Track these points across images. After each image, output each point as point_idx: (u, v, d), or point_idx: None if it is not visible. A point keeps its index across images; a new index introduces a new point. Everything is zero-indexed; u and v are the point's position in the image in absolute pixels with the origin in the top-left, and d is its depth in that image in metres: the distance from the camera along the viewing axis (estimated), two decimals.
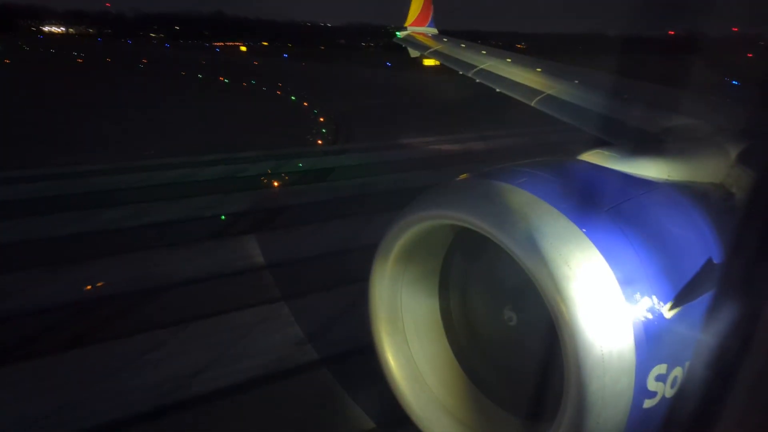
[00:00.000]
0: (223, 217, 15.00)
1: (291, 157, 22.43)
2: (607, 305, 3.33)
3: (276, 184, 18.60)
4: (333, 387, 8.07)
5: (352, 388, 8.00)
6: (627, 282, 3.40)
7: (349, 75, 59.30)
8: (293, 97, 42.30)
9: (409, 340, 4.76)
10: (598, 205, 3.72)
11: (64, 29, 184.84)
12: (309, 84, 52.31)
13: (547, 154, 5.14)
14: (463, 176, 4.28)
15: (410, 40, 15.34)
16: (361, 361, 7.96)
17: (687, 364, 3.61)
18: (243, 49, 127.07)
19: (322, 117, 32.99)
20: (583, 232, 3.47)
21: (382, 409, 7.24)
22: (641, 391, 3.40)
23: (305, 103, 39.53)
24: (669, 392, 3.53)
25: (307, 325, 9.70)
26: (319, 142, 26.16)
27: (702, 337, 3.73)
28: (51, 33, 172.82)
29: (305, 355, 8.87)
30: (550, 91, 8.98)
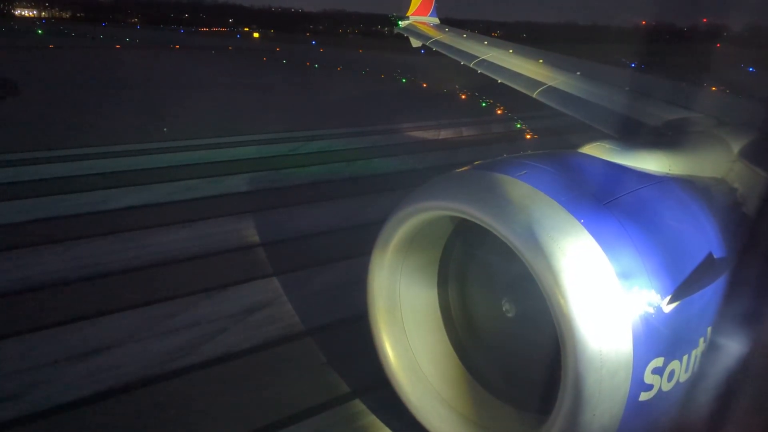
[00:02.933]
0: None
1: (515, 120, 26.21)
2: (606, 298, 3.33)
3: (528, 136, 22.46)
4: None
5: None
6: (625, 275, 3.39)
7: (394, 60, 58.77)
8: (404, 79, 42.99)
9: (407, 330, 4.76)
10: (598, 198, 3.71)
11: (35, 13, 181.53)
12: (379, 68, 52.65)
13: None
14: (463, 168, 4.26)
15: (412, 30, 15.25)
16: None
17: (684, 357, 3.62)
18: (256, 35, 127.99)
19: (463, 94, 34.58)
20: (583, 224, 3.46)
21: None
22: (638, 384, 3.41)
23: (424, 84, 40.58)
24: (666, 386, 3.54)
25: None
26: (499, 111, 28.55)
27: (700, 331, 3.74)
28: (23, 16, 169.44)
29: None
30: (552, 83, 8.93)
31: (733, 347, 3.87)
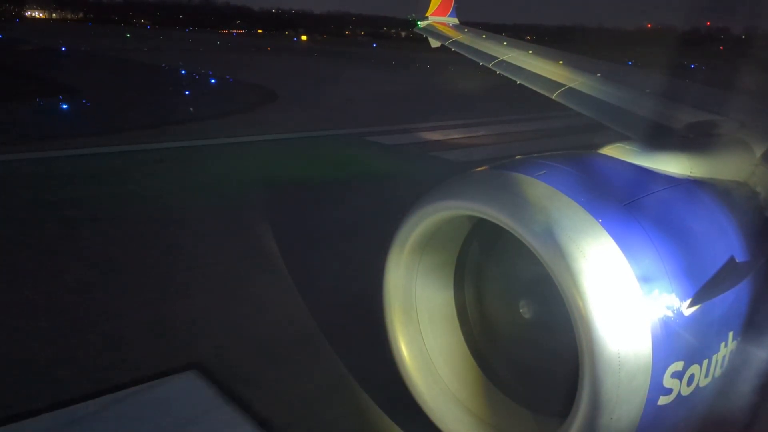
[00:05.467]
0: None
1: None
2: (625, 300, 3.29)
3: None
4: None
5: None
6: (645, 277, 3.35)
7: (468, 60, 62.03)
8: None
9: (422, 330, 4.75)
10: (618, 199, 3.67)
11: (45, 14, 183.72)
12: (477, 67, 56.25)
13: None
14: (480, 167, 4.24)
15: (431, 30, 15.20)
16: None
17: (705, 362, 3.57)
18: (304, 38, 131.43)
19: None
20: (602, 225, 3.43)
21: None
22: (657, 388, 3.36)
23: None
24: (685, 390, 3.49)
25: None
26: None
27: (721, 336, 3.69)
28: (33, 18, 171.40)
29: None
30: (571, 84, 8.85)
31: (755, 352, 3.81)
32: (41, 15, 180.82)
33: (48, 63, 43.65)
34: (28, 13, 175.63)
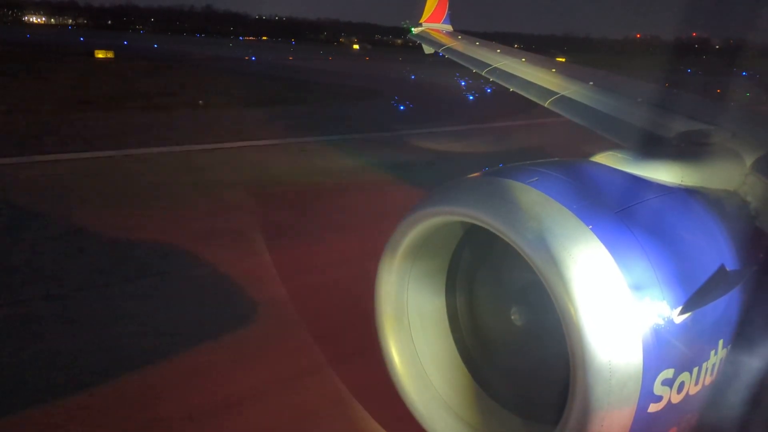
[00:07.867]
0: None
1: None
2: (616, 308, 3.29)
3: None
4: None
5: None
6: (636, 284, 3.36)
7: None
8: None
9: (414, 337, 4.74)
10: (610, 207, 3.68)
11: (44, 19, 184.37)
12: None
13: None
14: (474, 174, 4.25)
15: (425, 37, 15.24)
16: None
17: (695, 370, 3.58)
18: (355, 47, 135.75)
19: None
20: (594, 232, 3.44)
21: None
22: (647, 395, 3.37)
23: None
24: (675, 397, 3.50)
25: None
26: None
27: (712, 343, 3.70)
28: (31, 23, 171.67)
29: None
30: (564, 92, 8.89)
31: (745, 360, 3.83)
32: (40, 20, 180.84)
33: (299, 73, 51.96)
34: (25, 18, 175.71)
